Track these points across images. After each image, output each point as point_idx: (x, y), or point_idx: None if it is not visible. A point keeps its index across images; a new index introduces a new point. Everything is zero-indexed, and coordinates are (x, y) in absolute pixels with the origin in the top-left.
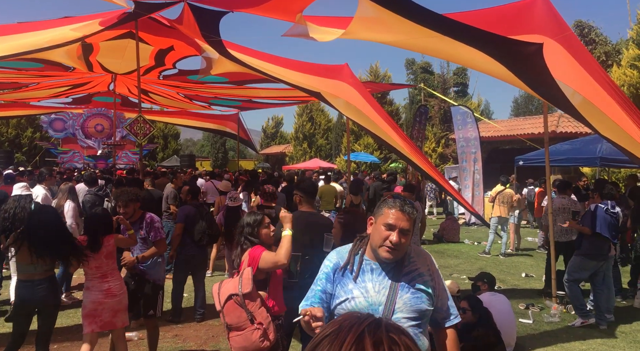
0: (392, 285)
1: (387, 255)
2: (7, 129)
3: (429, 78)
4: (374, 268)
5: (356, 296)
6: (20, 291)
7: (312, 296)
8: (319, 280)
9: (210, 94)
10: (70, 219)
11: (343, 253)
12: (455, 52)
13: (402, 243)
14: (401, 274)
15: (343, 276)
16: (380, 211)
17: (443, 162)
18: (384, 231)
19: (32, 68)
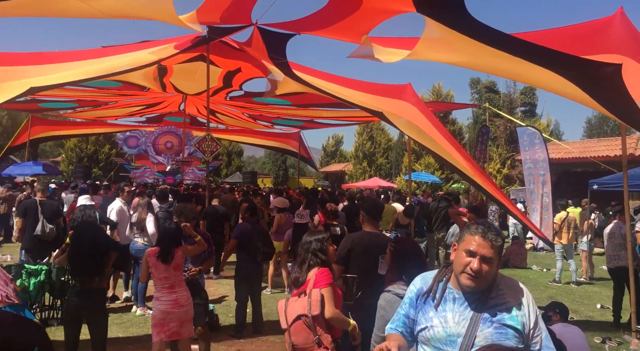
0: (473, 317)
1: (468, 282)
2: (87, 146)
3: (494, 97)
4: (456, 297)
5: (435, 325)
6: (70, 299)
7: (396, 319)
8: (404, 304)
9: (274, 114)
10: (152, 230)
11: (427, 279)
12: (524, 73)
13: (483, 271)
14: (485, 306)
15: (425, 302)
16: (462, 237)
17: (509, 184)
18: (465, 257)
19: (112, 87)
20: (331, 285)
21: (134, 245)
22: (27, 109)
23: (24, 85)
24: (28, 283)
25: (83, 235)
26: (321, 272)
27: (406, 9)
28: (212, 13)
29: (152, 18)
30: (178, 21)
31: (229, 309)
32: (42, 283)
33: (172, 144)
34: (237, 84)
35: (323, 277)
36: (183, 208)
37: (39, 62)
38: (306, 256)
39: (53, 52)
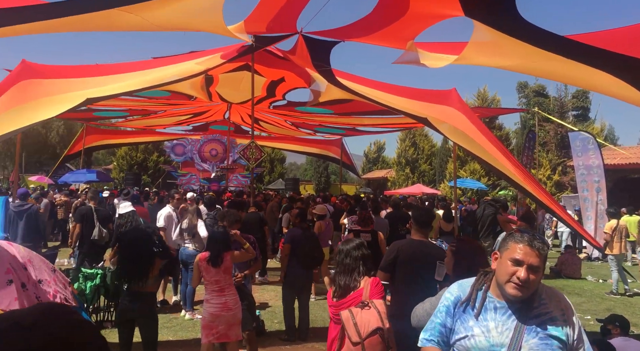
0: (517, 327)
1: (515, 292)
2: (137, 154)
3: (543, 101)
4: (497, 306)
5: (476, 334)
6: (122, 301)
7: (431, 328)
8: (439, 313)
9: (316, 122)
10: (205, 233)
11: (465, 287)
12: (580, 76)
13: (530, 280)
14: (529, 316)
15: (464, 311)
16: (506, 245)
17: (560, 190)
18: (511, 266)
19: (161, 97)
20: (384, 297)
21: (184, 250)
22: (81, 118)
23: (81, 96)
24: (85, 286)
25: (133, 240)
26: (375, 282)
27: (454, 14)
28: (259, 23)
29: (202, 29)
30: (226, 32)
31: (274, 315)
32: (97, 287)
33: (216, 152)
34: (280, 94)
35: (379, 288)
36: (226, 212)
37: (94, 74)
38: (355, 264)
39: (107, 64)
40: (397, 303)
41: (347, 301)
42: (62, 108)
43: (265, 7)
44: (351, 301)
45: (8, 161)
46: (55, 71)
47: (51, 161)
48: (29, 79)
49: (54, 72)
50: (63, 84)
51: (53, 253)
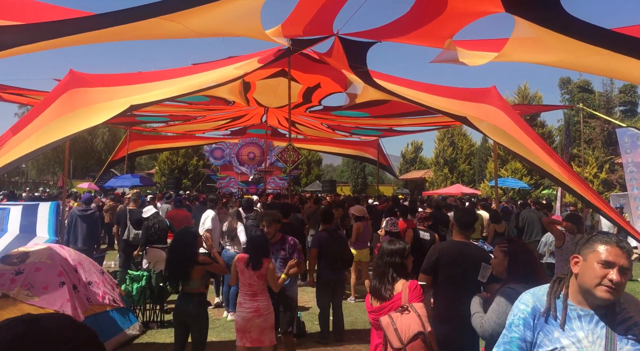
0: (608, 335)
1: (607, 295)
2: (177, 158)
3: (588, 97)
4: (581, 314)
5: (566, 345)
6: (176, 302)
7: (506, 342)
8: (515, 326)
9: (352, 124)
10: (244, 238)
11: (539, 296)
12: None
13: (623, 282)
14: (616, 322)
15: (546, 322)
16: (591, 247)
17: (607, 189)
18: (600, 269)
19: (201, 102)
20: (424, 300)
21: (226, 253)
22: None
23: (125, 103)
24: (131, 287)
25: (178, 243)
26: (413, 285)
27: (494, 10)
28: (296, 26)
29: (240, 34)
30: (264, 36)
31: (315, 317)
32: (143, 288)
33: (254, 155)
34: (317, 100)
35: (418, 291)
36: (264, 213)
37: (136, 82)
38: (386, 270)
39: (149, 71)
40: (440, 306)
41: (387, 306)
42: (107, 115)
43: (302, 10)
44: (390, 306)
45: (57, 167)
46: (101, 80)
47: (97, 167)
48: (77, 88)
49: (100, 80)
50: (108, 92)
51: (100, 255)
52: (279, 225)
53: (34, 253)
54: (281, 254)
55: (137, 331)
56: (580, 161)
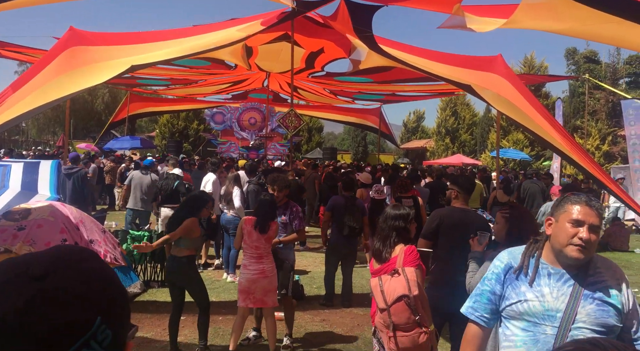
0: (573, 293)
1: (577, 254)
2: (178, 122)
3: (594, 68)
4: (552, 272)
5: (530, 299)
6: (167, 264)
7: (478, 294)
8: (488, 280)
9: (355, 90)
10: (238, 204)
11: (515, 254)
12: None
13: (592, 240)
14: (585, 283)
15: (516, 279)
16: (562, 208)
17: (609, 161)
18: (571, 228)
19: (201, 66)
20: (420, 266)
21: (224, 216)
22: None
23: (126, 63)
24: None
25: (188, 205)
26: (410, 250)
27: None
28: None
29: None
30: None
31: (313, 280)
32: None
33: (255, 120)
34: (320, 66)
35: (413, 256)
36: (277, 177)
37: (138, 42)
38: (390, 233)
39: (150, 31)
40: (439, 271)
41: (383, 269)
42: (108, 74)
43: None
44: (386, 269)
45: (57, 126)
46: (102, 38)
47: (97, 128)
48: (77, 46)
49: (100, 39)
50: (109, 51)
51: (102, 215)
52: (287, 191)
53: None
54: (282, 219)
55: (139, 290)
56: (583, 133)
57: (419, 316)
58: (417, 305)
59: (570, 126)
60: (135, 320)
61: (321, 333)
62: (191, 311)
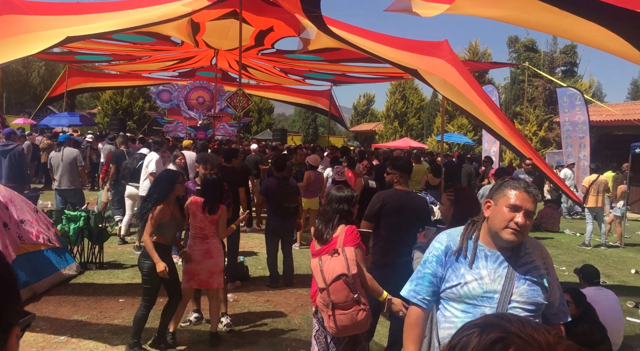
0: (508, 274)
1: (512, 237)
2: (122, 99)
3: (533, 57)
4: (488, 254)
5: (469, 281)
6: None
7: (419, 277)
8: (429, 263)
9: (305, 68)
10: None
11: (454, 236)
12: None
13: (527, 225)
14: (517, 264)
15: (456, 260)
16: (502, 192)
17: (545, 146)
18: (508, 212)
19: (146, 42)
20: (359, 245)
21: None
22: (63, 61)
23: (61, 34)
24: (68, 228)
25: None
26: (350, 230)
27: None
28: None
29: None
30: None
31: (258, 261)
32: (81, 229)
33: (203, 99)
34: (269, 43)
35: (353, 236)
36: (207, 156)
37: (75, 12)
38: (333, 216)
39: (88, 2)
40: (380, 252)
41: (323, 250)
42: (42, 45)
43: None
44: (327, 249)
45: None
46: (35, 7)
47: (33, 103)
48: (8, 14)
49: (34, 8)
50: (43, 21)
51: (35, 195)
52: (217, 170)
53: None
54: None
55: (74, 272)
56: (522, 119)
57: (357, 294)
58: (356, 283)
59: (510, 112)
60: (70, 303)
61: (265, 313)
62: (131, 293)
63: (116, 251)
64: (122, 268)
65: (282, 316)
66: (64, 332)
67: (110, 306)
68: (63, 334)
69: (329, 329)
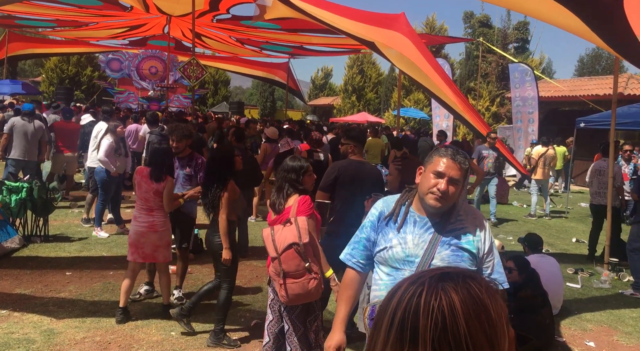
0: (432, 239)
1: (434, 203)
2: (68, 67)
3: (487, 32)
4: (417, 220)
5: (394, 245)
6: None
7: (355, 242)
8: (364, 228)
9: (262, 39)
10: (102, 154)
11: (390, 202)
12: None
13: (450, 191)
14: (445, 230)
15: (387, 225)
16: (430, 159)
17: (496, 121)
18: (433, 179)
19: (92, 6)
20: (312, 214)
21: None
22: (2, 25)
23: None
24: (9, 199)
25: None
26: (303, 200)
27: None
28: None
29: None
30: None
31: None
32: (23, 201)
33: (156, 70)
34: (225, 8)
35: (306, 205)
36: (175, 126)
37: None
38: (283, 184)
39: None
40: (335, 221)
41: (277, 220)
42: None
43: None
44: (280, 219)
45: None
46: None
47: None
48: None
49: None
50: None
51: None
52: (189, 141)
53: None
54: (186, 170)
55: (17, 245)
56: (476, 95)
57: (308, 263)
58: (308, 252)
59: (465, 88)
60: (12, 277)
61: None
62: (78, 266)
63: (63, 224)
64: (70, 241)
65: (237, 288)
66: (5, 306)
67: (56, 280)
68: (4, 308)
69: (280, 298)
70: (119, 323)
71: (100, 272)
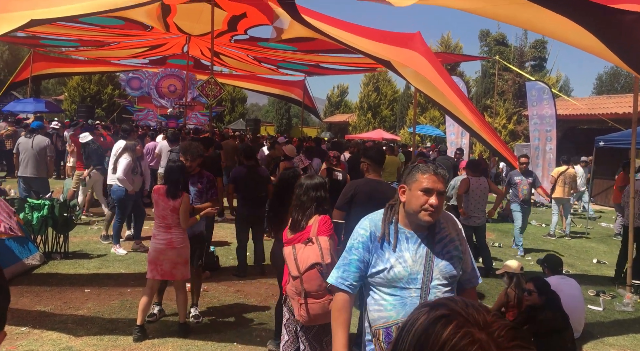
0: (427, 254)
1: (429, 219)
2: (90, 85)
3: (504, 51)
4: (408, 236)
5: (394, 265)
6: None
7: (345, 264)
8: (355, 249)
9: (279, 58)
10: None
11: (376, 221)
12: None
13: (440, 204)
14: (434, 241)
15: (381, 247)
16: (413, 177)
17: (514, 139)
18: (422, 196)
19: (114, 26)
20: (332, 235)
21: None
22: (28, 45)
23: (24, 17)
24: (31, 216)
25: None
26: (324, 220)
27: None
28: None
29: None
30: None
31: (230, 251)
32: (45, 218)
33: (175, 88)
34: (242, 29)
35: (327, 225)
36: (189, 145)
37: None
38: (309, 204)
39: None
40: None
41: (296, 238)
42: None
43: None
44: (300, 238)
45: None
46: None
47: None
48: None
49: None
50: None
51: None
52: (201, 160)
53: None
54: (197, 187)
55: (38, 261)
56: (492, 112)
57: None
58: (329, 273)
59: (481, 105)
60: (32, 293)
61: (235, 304)
62: (97, 283)
63: (82, 240)
64: (89, 257)
65: (253, 306)
66: (25, 323)
67: (75, 297)
68: (25, 325)
69: (298, 317)
70: (136, 341)
71: (118, 289)
